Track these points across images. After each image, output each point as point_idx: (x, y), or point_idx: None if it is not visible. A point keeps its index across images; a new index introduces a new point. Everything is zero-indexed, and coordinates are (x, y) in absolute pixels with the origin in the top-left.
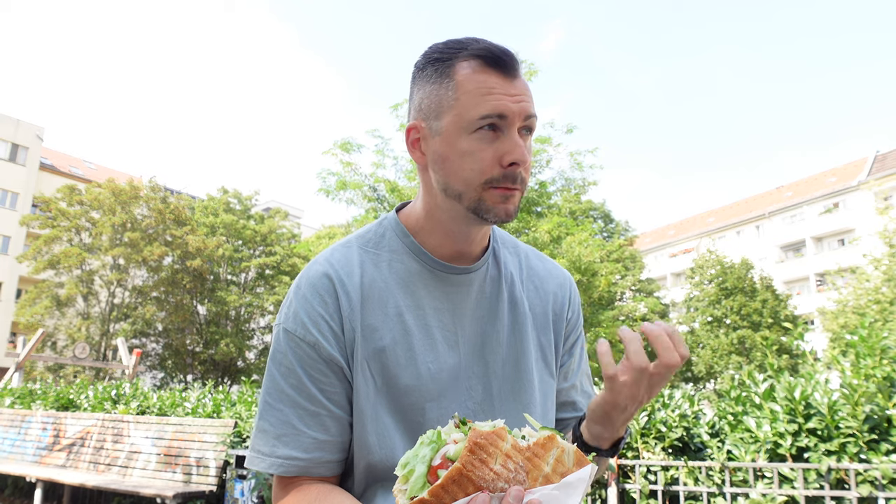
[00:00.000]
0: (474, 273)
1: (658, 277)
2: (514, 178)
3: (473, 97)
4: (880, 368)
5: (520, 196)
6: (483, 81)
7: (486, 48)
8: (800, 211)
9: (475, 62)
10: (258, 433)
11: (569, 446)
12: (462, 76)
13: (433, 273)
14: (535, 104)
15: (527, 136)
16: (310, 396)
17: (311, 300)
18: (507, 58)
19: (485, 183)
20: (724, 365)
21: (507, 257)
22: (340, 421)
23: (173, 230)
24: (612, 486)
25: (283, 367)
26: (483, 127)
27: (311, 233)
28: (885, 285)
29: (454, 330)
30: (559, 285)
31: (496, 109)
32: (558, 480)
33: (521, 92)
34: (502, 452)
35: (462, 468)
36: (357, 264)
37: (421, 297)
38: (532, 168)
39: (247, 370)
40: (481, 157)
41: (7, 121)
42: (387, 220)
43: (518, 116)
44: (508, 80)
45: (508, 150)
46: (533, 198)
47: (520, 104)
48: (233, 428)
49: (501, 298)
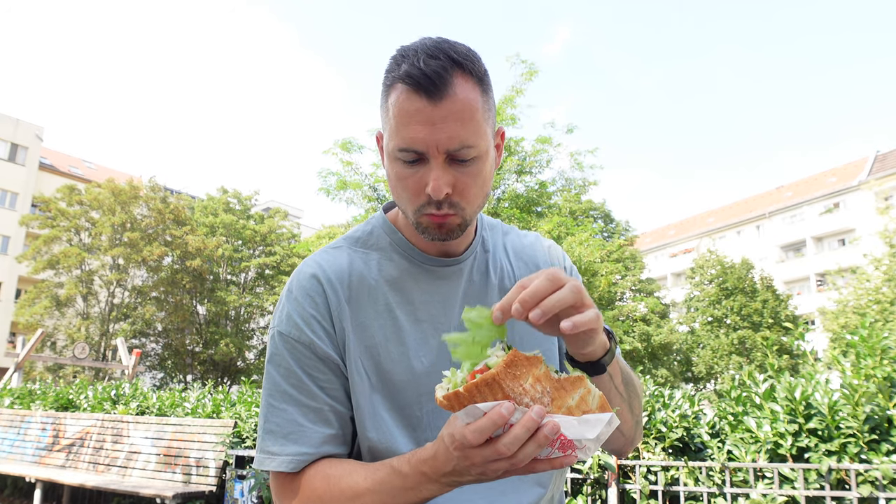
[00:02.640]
0: (462, 264)
1: (658, 277)
2: (439, 205)
3: (397, 125)
4: (881, 368)
5: (460, 219)
6: (404, 109)
7: (412, 70)
8: (800, 211)
9: (403, 86)
10: (265, 435)
11: (595, 391)
12: (392, 100)
13: (421, 267)
14: (473, 125)
15: (461, 164)
16: (311, 394)
17: (301, 302)
18: (431, 81)
19: (416, 211)
20: (724, 365)
21: (496, 239)
22: (341, 415)
23: (173, 230)
24: (613, 487)
25: (283, 369)
26: (405, 160)
27: (311, 233)
28: (886, 285)
29: (445, 322)
30: (544, 253)
31: (411, 144)
32: (579, 416)
33: (445, 119)
34: (533, 375)
35: (496, 375)
36: (346, 263)
37: (410, 292)
38: (532, 168)
39: (246, 370)
40: (405, 184)
41: (7, 120)
42: (374, 218)
43: (436, 147)
44: (432, 104)
45: (427, 182)
46: (533, 198)
47: (440, 135)
48: (232, 428)
49: (490, 284)
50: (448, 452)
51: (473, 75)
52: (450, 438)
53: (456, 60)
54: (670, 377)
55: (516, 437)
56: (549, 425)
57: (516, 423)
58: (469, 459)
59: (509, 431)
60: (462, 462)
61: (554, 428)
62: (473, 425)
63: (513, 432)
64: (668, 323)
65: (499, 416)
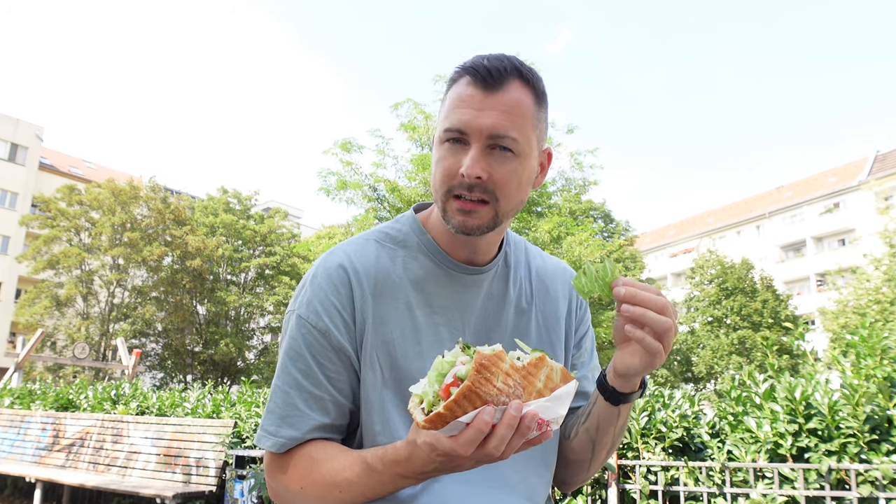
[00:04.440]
0: (485, 274)
1: (658, 277)
2: (469, 188)
3: (448, 109)
4: (881, 368)
5: (489, 210)
6: (459, 94)
7: (474, 63)
8: (800, 211)
9: (465, 76)
10: (267, 413)
11: (556, 365)
12: (451, 90)
13: (446, 272)
14: (520, 121)
15: (501, 153)
16: (316, 381)
17: (325, 289)
18: (489, 72)
19: (447, 191)
20: (724, 365)
21: (519, 258)
22: (342, 407)
23: (173, 230)
24: (613, 487)
25: (293, 352)
26: (449, 139)
27: (311, 233)
28: (886, 285)
29: (461, 328)
30: (564, 283)
31: (456, 124)
32: (549, 394)
33: (494, 107)
34: (503, 371)
35: (471, 385)
36: (373, 257)
37: (431, 295)
38: None
39: (246, 370)
40: (444, 165)
41: (6, 120)
42: (405, 217)
43: (480, 132)
44: (486, 93)
45: (463, 163)
46: (533, 198)
47: (485, 120)
48: (232, 428)
49: (508, 300)
50: (428, 457)
51: (531, 85)
52: (429, 448)
53: (517, 67)
54: (670, 377)
55: (502, 438)
56: (529, 415)
57: (499, 424)
58: (455, 462)
59: (494, 433)
60: (447, 465)
61: (533, 416)
62: (462, 438)
63: (498, 433)
64: None
65: (484, 424)
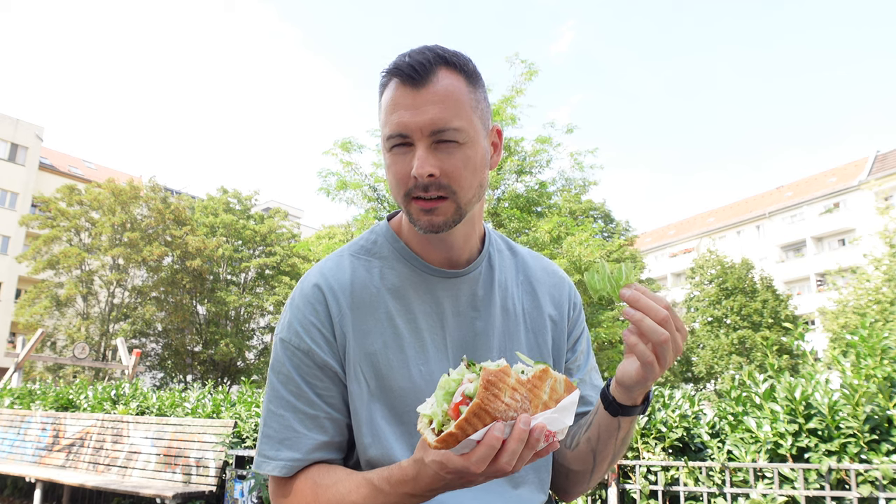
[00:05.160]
0: (465, 276)
1: (658, 277)
2: (425, 188)
3: (385, 116)
4: (881, 368)
5: (450, 204)
6: (392, 98)
7: (397, 63)
8: (800, 211)
9: (392, 79)
10: (263, 438)
11: (559, 376)
12: (384, 94)
13: (423, 277)
14: (457, 109)
15: (447, 146)
16: (308, 401)
17: (303, 309)
18: (413, 69)
19: (405, 196)
20: (724, 365)
21: (504, 261)
22: (338, 423)
23: (173, 230)
24: (613, 487)
25: (282, 376)
26: (394, 145)
27: (311, 233)
28: (886, 285)
29: (443, 333)
30: (554, 285)
31: (395, 128)
32: (554, 405)
33: (427, 102)
34: (509, 387)
35: (480, 403)
36: (348, 272)
37: (411, 302)
38: (532, 168)
39: (246, 370)
40: (395, 170)
41: (6, 120)
42: (378, 227)
43: (420, 130)
44: (416, 90)
45: (413, 163)
46: (533, 198)
47: (422, 117)
48: (232, 428)
49: (493, 302)
50: (436, 475)
51: (459, 70)
52: (439, 466)
53: (441, 56)
54: (670, 377)
55: (513, 452)
56: (538, 428)
57: (509, 439)
58: (466, 478)
59: (505, 448)
60: (457, 481)
61: (542, 429)
62: (474, 455)
63: (509, 448)
64: None
65: (495, 440)
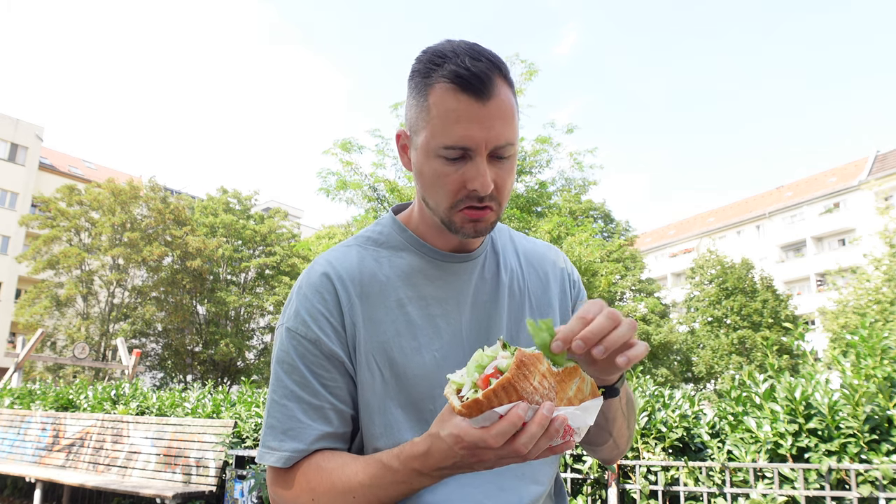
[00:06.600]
0: (474, 260)
1: (658, 277)
2: (479, 199)
3: (442, 123)
4: (881, 368)
5: (493, 214)
6: (452, 108)
7: (459, 70)
8: (800, 211)
9: (448, 85)
10: (267, 429)
11: (588, 378)
12: (434, 98)
13: (433, 263)
14: (513, 124)
15: (500, 161)
16: (313, 391)
17: (311, 298)
18: (480, 80)
19: (451, 207)
20: (724, 365)
21: (505, 243)
22: (342, 414)
23: (173, 230)
24: (613, 487)
25: (287, 365)
26: (453, 156)
27: (311, 233)
28: (886, 285)
29: (457, 317)
30: (553, 263)
31: (460, 141)
32: (578, 404)
33: (493, 117)
34: (540, 372)
35: (511, 378)
36: (357, 261)
37: (422, 288)
38: (532, 168)
39: (246, 370)
40: (446, 181)
41: (6, 120)
42: (384, 219)
43: (484, 145)
44: (480, 103)
45: (472, 177)
46: (533, 198)
47: (489, 133)
48: (232, 428)
49: (501, 283)
50: (449, 450)
51: (508, 79)
52: (454, 439)
53: (496, 64)
54: (670, 377)
55: (532, 435)
56: (559, 419)
57: (530, 422)
58: (479, 457)
59: (525, 430)
60: (468, 459)
61: (563, 420)
62: (494, 429)
63: (529, 430)
64: (668, 323)
65: (518, 418)
